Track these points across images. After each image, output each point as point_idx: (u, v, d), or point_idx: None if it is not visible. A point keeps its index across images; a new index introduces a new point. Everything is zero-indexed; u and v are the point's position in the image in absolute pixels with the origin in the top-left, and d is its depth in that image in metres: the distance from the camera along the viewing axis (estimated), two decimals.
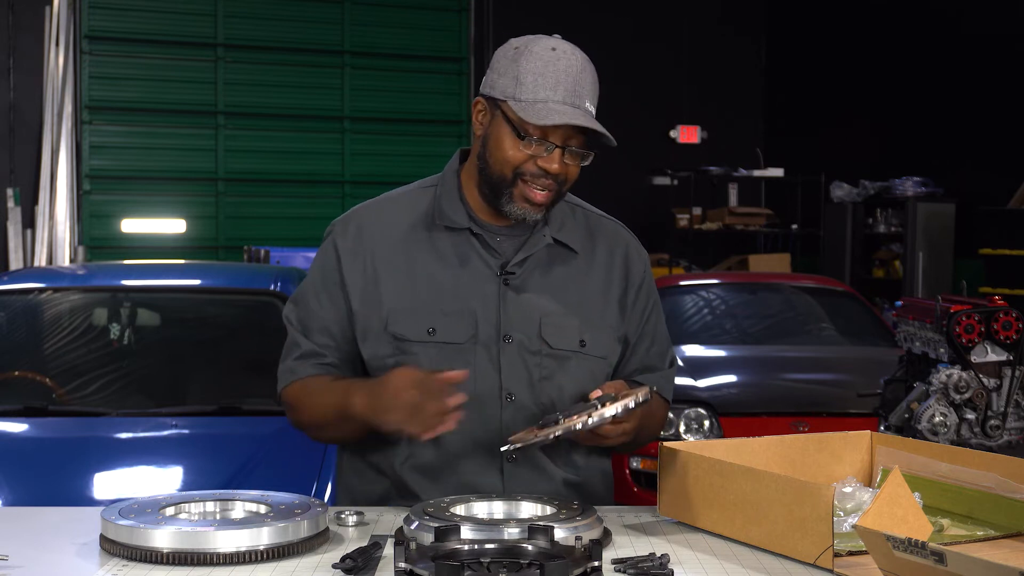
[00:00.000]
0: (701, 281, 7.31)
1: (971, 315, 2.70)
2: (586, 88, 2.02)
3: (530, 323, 2.08)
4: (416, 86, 11.52)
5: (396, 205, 2.18)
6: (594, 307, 2.15)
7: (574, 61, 2.02)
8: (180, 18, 10.86)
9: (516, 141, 2.02)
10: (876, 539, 1.52)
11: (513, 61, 2.03)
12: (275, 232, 10.90)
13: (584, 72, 2.02)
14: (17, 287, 4.64)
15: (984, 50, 10.49)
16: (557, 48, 2.02)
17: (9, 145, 10.41)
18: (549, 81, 1.99)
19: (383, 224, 2.15)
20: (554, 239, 2.14)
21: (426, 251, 2.12)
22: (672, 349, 2.28)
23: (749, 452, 2.02)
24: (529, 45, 2.03)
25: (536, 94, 1.99)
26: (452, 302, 2.08)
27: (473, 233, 2.12)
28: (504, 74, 2.03)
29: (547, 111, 1.98)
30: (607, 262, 2.19)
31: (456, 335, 2.07)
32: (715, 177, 11.80)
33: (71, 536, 1.83)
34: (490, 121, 2.06)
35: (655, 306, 2.24)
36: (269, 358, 4.42)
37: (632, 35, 12.47)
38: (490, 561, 1.58)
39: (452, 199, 2.14)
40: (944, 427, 2.66)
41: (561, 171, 2.03)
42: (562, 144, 2.02)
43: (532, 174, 2.03)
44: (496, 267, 2.11)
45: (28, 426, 3.91)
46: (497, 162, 2.05)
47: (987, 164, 10.38)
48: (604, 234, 2.22)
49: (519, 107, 2.00)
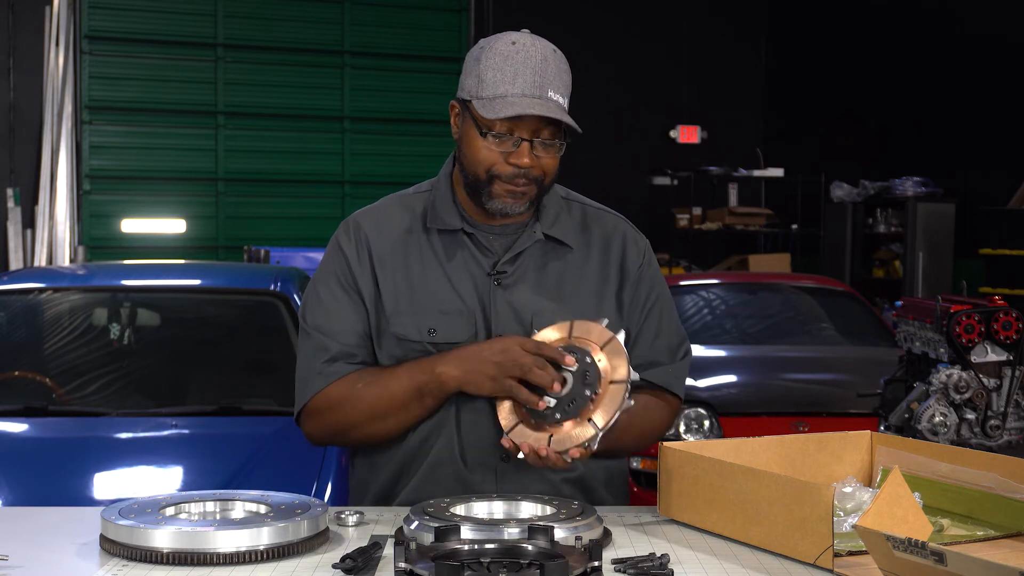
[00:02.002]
0: (701, 281, 7.31)
1: (971, 315, 2.71)
2: (549, 77, 1.99)
3: (521, 322, 2.08)
4: (416, 86, 11.52)
5: (393, 209, 2.18)
6: (589, 302, 2.13)
7: (534, 52, 2.00)
8: (180, 18, 10.87)
9: (482, 139, 2.01)
10: (876, 539, 1.52)
11: (476, 60, 2.03)
12: (275, 232, 10.90)
13: (546, 62, 2.00)
14: (17, 287, 4.64)
15: (984, 50, 10.49)
16: (517, 41, 2.01)
17: (9, 145, 10.42)
18: (508, 75, 1.98)
19: (381, 228, 2.15)
20: (546, 235, 2.13)
21: (421, 253, 2.12)
22: (686, 343, 2.23)
23: (749, 452, 2.02)
24: (491, 43, 2.03)
25: (496, 89, 1.98)
26: (449, 302, 2.08)
27: (466, 233, 2.12)
28: (469, 74, 2.04)
29: (504, 104, 1.97)
30: (603, 255, 2.17)
31: (456, 334, 2.07)
32: (715, 177, 11.80)
33: (71, 536, 1.83)
34: (462, 123, 2.07)
35: (659, 299, 2.20)
36: (269, 358, 4.47)
37: (632, 35, 12.47)
38: (490, 561, 1.58)
39: (445, 202, 2.14)
40: (944, 427, 2.66)
41: (532, 164, 2.01)
42: (529, 137, 2.00)
43: (507, 175, 2.02)
44: (488, 266, 2.10)
45: (28, 426, 3.91)
46: (470, 163, 2.05)
47: (987, 164, 10.38)
48: (601, 227, 2.20)
49: (480, 104, 2.00)
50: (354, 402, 2.06)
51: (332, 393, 2.08)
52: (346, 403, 2.07)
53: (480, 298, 2.09)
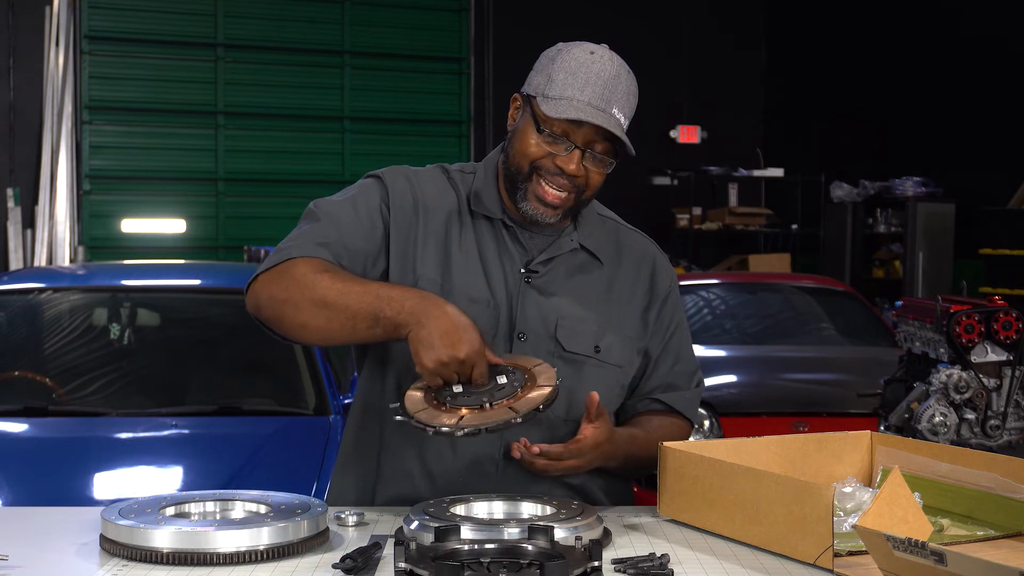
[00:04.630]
0: (701, 281, 7.31)
1: (971, 315, 2.71)
2: (617, 95, 2.00)
3: (545, 323, 2.08)
4: (416, 86, 11.52)
5: (440, 180, 2.16)
6: (613, 316, 2.13)
7: (609, 67, 2.01)
8: (180, 18, 10.86)
9: (537, 135, 2.01)
10: (876, 539, 1.52)
11: (551, 60, 2.04)
12: (275, 232, 10.84)
13: (617, 79, 2.01)
14: (17, 287, 4.65)
15: (984, 50, 10.49)
16: (595, 52, 2.02)
17: (9, 145, 10.41)
18: (579, 81, 1.99)
19: (429, 193, 2.13)
20: (581, 245, 2.14)
21: (463, 233, 2.11)
22: (699, 372, 2.25)
23: (749, 452, 2.02)
24: (570, 47, 2.04)
25: (563, 92, 1.99)
26: (479, 290, 2.08)
27: (505, 225, 2.12)
28: (540, 72, 2.05)
29: (568, 106, 1.98)
30: (633, 275, 2.18)
31: (478, 323, 2.04)
32: (715, 177, 11.80)
33: (71, 536, 1.83)
34: (520, 117, 2.07)
35: (680, 325, 2.22)
36: (269, 358, 4.47)
37: (632, 35, 12.45)
38: (490, 561, 1.58)
39: (490, 189, 2.13)
40: (944, 427, 2.66)
41: (578, 172, 2.01)
42: (583, 146, 2.00)
43: (548, 170, 2.02)
44: (521, 262, 2.11)
45: (28, 426, 3.91)
46: (517, 154, 2.05)
47: (987, 164, 10.38)
48: (632, 248, 2.22)
49: (544, 102, 2.00)
50: (309, 282, 1.94)
51: (295, 264, 1.98)
52: (302, 280, 1.95)
53: (509, 292, 2.08)
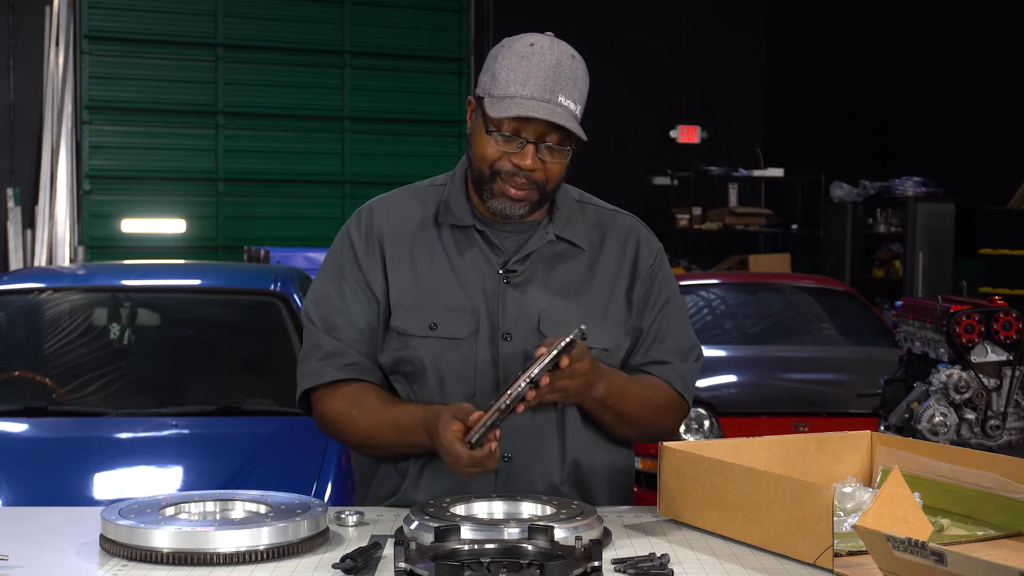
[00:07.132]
0: (701, 281, 7.31)
1: (971, 315, 2.71)
2: (561, 83, 1.98)
3: (528, 321, 2.08)
4: (416, 86, 11.52)
5: (406, 201, 2.18)
6: (598, 301, 2.13)
7: (550, 56, 1.99)
8: (180, 18, 10.86)
9: (489, 136, 2.01)
10: (876, 539, 1.52)
11: (494, 58, 2.03)
12: (275, 232, 10.90)
13: (560, 66, 1.99)
14: (17, 287, 4.64)
15: (984, 50, 10.49)
16: (536, 43, 2.01)
17: (9, 145, 10.41)
18: (520, 76, 1.98)
19: (393, 219, 2.15)
20: (558, 236, 2.13)
21: (431, 247, 2.12)
22: (697, 349, 2.23)
23: (749, 452, 2.02)
24: (511, 42, 2.03)
25: (507, 89, 1.98)
26: (454, 298, 2.08)
27: (477, 230, 2.12)
28: (486, 71, 2.05)
29: (511, 104, 1.97)
30: (617, 256, 2.17)
31: (457, 330, 2.07)
32: (715, 177, 11.79)
33: (71, 536, 1.83)
34: (475, 119, 2.07)
35: (669, 301, 2.20)
36: (269, 358, 4.47)
37: (632, 35, 12.47)
38: (490, 561, 1.58)
39: (459, 197, 2.14)
40: (944, 427, 2.66)
41: (535, 167, 2.01)
42: (535, 140, 2.00)
43: (507, 172, 2.02)
44: (498, 264, 2.10)
45: (28, 426, 3.90)
46: (476, 158, 2.06)
47: (987, 164, 10.38)
48: (615, 229, 2.20)
49: (490, 102, 2.00)
50: (349, 427, 2.10)
51: (332, 409, 2.12)
52: (343, 423, 2.11)
53: (488, 296, 2.09)
